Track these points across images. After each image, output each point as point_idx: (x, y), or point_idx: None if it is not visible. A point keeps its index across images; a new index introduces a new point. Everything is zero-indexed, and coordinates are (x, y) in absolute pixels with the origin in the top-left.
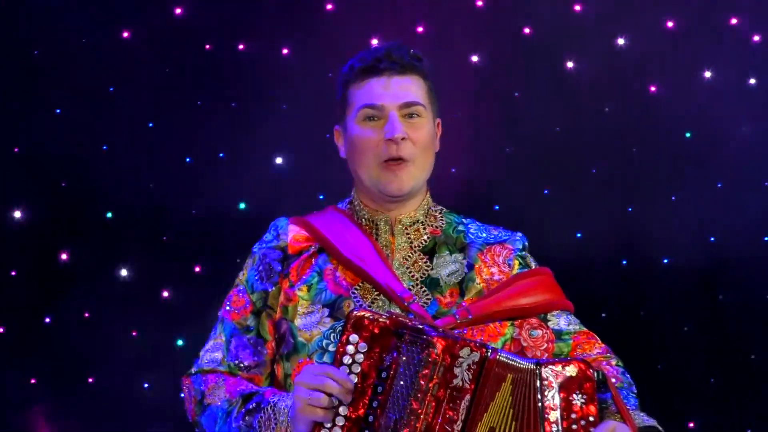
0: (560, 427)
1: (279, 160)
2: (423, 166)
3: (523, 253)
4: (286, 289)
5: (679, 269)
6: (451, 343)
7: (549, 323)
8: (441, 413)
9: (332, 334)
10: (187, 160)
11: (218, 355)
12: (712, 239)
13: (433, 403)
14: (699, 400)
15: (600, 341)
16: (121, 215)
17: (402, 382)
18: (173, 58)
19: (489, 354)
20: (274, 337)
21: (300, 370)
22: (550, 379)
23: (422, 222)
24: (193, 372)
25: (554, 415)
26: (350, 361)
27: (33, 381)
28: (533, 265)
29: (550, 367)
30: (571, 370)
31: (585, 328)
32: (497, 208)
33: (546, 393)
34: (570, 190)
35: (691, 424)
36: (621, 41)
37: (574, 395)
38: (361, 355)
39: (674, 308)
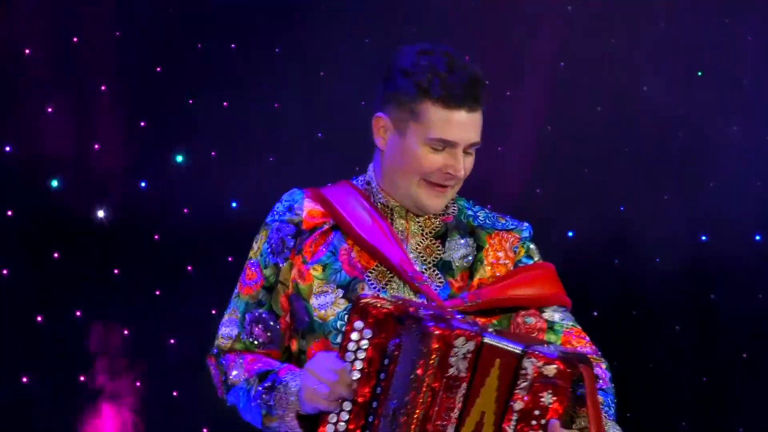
0: (517, 416)
1: (271, 159)
2: (458, 187)
3: (529, 243)
4: (300, 265)
5: (671, 268)
6: (447, 333)
7: (544, 314)
8: (438, 403)
9: (346, 315)
10: (179, 159)
11: (234, 331)
12: (704, 238)
13: (430, 393)
14: (691, 399)
15: (590, 341)
16: (113, 214)
17: (401, 370)
18: (165, 57)
19: (484, 341)
20: (287, 311)
21: (316, 349)
22: (528, 371)
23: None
24: (215, 352)
25: (518, 405)
26: (355, 347)
27: (24, 380)
28: (537, 256)
29: (533, 359)
30: (550, 370)
31: (578, 326)
32: (489, 207)
33: (520, 383)
34: (562, 190)
35: (683, 423)
36: (613, 41)
37: (545, 393)
38: (366, 341)
39: (666, 307)
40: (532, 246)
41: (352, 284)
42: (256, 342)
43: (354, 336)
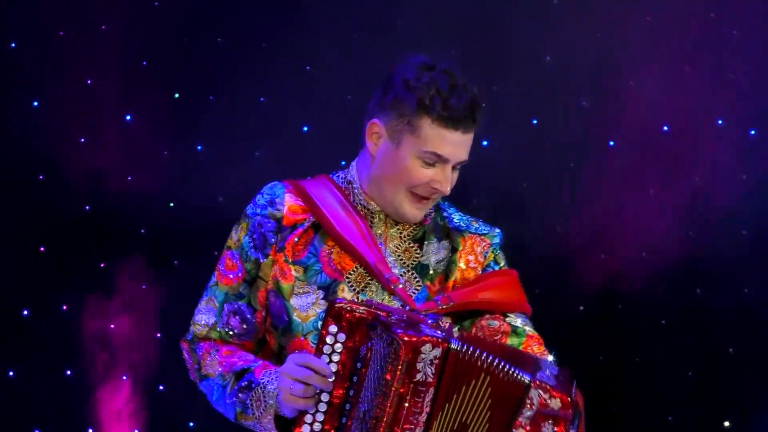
0: None
1: (257, 154)
2: (438, 199)
3: (498, 250)
4: (282, 264)
5: (658, 263)
6: (414, 340)
7: (507, 318)
8: (405, 407)
9: (322, 319)
10: (165, 153)
11: (211, 320)
12: (690, 233)
13: (398, 397)
14: (677, 393)
15: (548, 350)
16: (100, 208)
17: (372, 375)
18: (151, 51)
19: (450, 347)
20: (264, 306)
21: (294, 348)
22: (534, 401)
23: None
24: (188, 338)
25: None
26: (330, 350)
27: (11, 374)
28: (503, 262)
29: (540, 391)
30: (555, 403)
31: (536, 333)
32: (475, 201)
33: (524, 411)
34: (548, 184)
35: (670, 418)
36: (599, 35)
37: (547, 423)
38: (340, 345)
39: (652, 302)
40: (500, 252)
41: (332, 286)
42: (231, 333)
43: (329, 339)
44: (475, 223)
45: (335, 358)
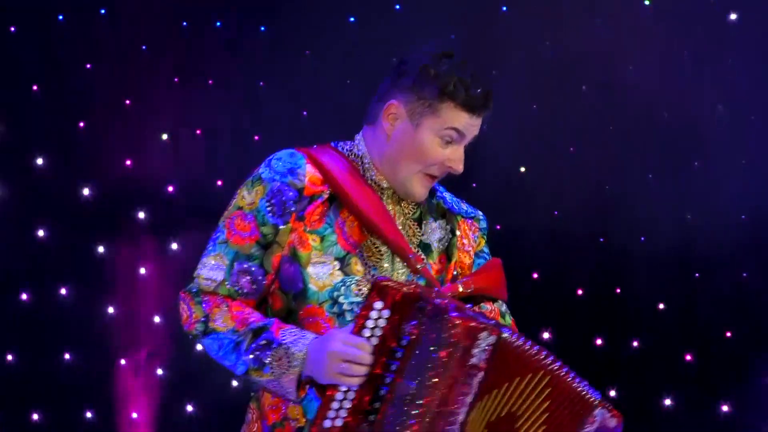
0: None
1: (256, 138)
2: None
3: (485, 234)
4: (300, 232)
5: (656, 247)
6: (473, 326)
7: (495, 303)
8: (455, 388)
9: (343, 287)
10: (164, 137)
11: (219, 275)
12: (689, 218)
13: (451, 379)
14: (674, 377)
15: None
16: (98, 192)
17: (419, 353)
18: (150, 35)
19: (502, 336)
20: (276, 270)
21: (307, 314)
22: (597, 419)
23: None
24: (193, 290)
25: None
26: (373, 325)
27: (9, 358)
28: (487, 248)
29: (604, 410)
30: (612, 422)
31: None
32: (475, 185)
33: (587, 427)
34: (547, 169)
35: (667, 401)
36: (598, 21)
37: None
38: (384, 320)
39: (650, 286)
40: (485, 237)
41: (346, 258)
42: (239, 291)
43: (373, 314)
44: (463, 206)
45: (377, 332)
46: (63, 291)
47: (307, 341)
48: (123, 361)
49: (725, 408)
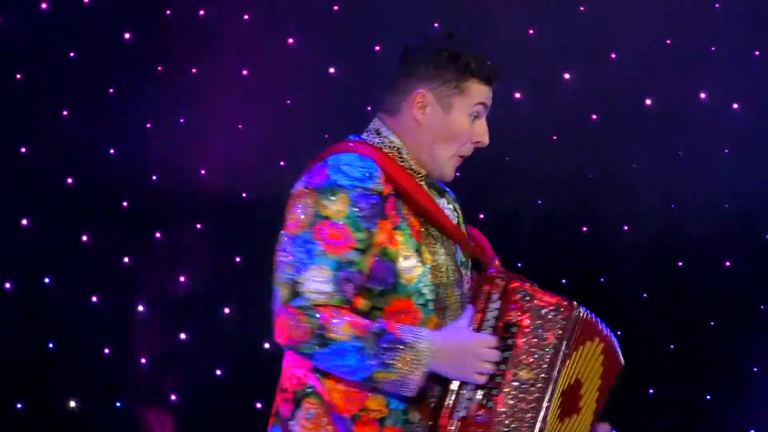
0: None
1: (240, 127)
2: None
3: None
4: (388, 230)
5: (640, 236)
6: (573, 304)
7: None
8: (557, 364)
9: (424, 278)
10: (148, 126)
11: (327, 287)
12: (673, 206)
13: (548, 357)
14: (658, 366)
15: None
16: (82, 181)
17: (528, 340)
18: (134, 24)
19: (580, 314)
20: (369, 271)
21: (396, 308)
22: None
23: None
24: (304, 305)
25: None
26: (491, 317)
27: None
28: None
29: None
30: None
31: None
32: (458, 174)
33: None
34: (531, 158)
35: (651, 391)
36: (582, 8)
37: None
38: (497, 311)
39: (634, 275)
40: None
41: (420, 249)
42: (347, 299)
43: (491, 306)
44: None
45: (492, 324)
46: (46, 280)
47: (430, 337)
48: (106, 350)
49: (708, 397)
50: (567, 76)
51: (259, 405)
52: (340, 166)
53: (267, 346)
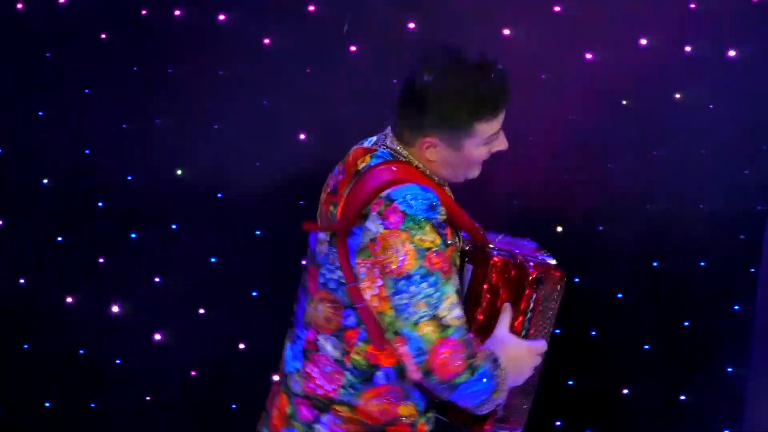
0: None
1: (216, 127)
2: None
3: None
4: (452, 252)
5: (615, 236)
6: (561, 273)
7: None
8: (546, 328)
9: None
10: (124, 126)
11: (461, 312)
12: (648, 207)
13: (554, 317)
14: (633, 366)
15: None
16: (57, 182)
17: (541, 317)
18: (109, 24)
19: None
20: None
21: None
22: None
23: None
24: (463, 336)
25: None
26: (530, 314)
27: None
28: None
29: None
30: None
31: None
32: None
33: None
34: (506, 158)
35: (625, 391)
36: (557, 8)
37: None
38: (533, 303)
39: (609, 275)
40: None
41: (454, 259)
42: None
43: (530, 305)
44: None
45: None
46: (21, 281)
47: (496, 351)
48: (81, 351)
49: (683, 398)
50: (543, 76)
51: (234, 405)
52: (408, 201)
53: (242, 346)
